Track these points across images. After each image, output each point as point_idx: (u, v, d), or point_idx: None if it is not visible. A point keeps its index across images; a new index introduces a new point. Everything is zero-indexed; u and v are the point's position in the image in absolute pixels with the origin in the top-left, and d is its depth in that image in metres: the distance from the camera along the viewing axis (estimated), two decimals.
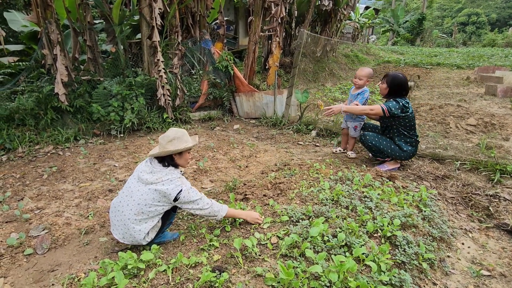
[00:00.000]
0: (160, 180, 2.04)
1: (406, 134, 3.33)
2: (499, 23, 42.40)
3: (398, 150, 3.37)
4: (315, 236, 1.95)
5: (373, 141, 3.42)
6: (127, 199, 2.09)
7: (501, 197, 2.94)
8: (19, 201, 2.99)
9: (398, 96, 3.24)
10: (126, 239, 2.10)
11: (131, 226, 2.04)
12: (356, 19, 16.27)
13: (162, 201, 2.06)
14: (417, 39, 26.21)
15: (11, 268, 2.17)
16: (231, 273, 1.76)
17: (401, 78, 3.22)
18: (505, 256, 2.24)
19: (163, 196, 2.03)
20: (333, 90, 8.02)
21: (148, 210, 2.04)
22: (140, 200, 2.03)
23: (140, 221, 2.04)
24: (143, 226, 2.05)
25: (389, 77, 3.24)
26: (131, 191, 2.10)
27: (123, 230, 2.09)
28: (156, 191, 2.02)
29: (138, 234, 2.04)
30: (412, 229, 2.26)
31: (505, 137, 4.47)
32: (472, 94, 7.48)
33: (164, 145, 2.10)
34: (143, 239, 2.07)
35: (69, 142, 4.45)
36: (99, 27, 6.31)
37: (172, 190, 2.02)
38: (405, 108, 3.18)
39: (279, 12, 6.92)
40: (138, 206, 2.03)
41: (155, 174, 2.07)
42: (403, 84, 3.22)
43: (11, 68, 5.66)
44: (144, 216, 2.04)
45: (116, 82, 5.09)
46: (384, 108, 3.16)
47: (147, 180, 2.05)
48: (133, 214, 2.04)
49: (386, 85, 3.26)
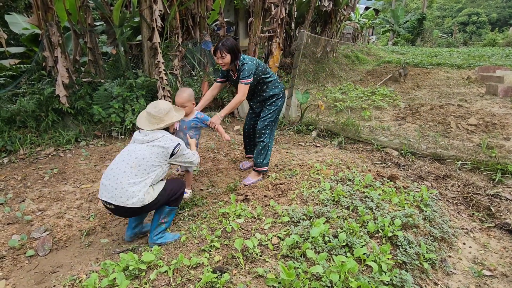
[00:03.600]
0: (157, 138, 2.18)
1: (270, 79, 3.22)
2: (500, 23, 42.37)
3: (276, 97, 3.26)
4: (316, 236, 1.95)
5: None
6: (123, 158, 2.13)
7: (503, 197, 2.93)
8: (21, 203, 3.00)
9: (237, 58, 2.98)
10: (115, 198, 2.02)
11: (125, 189, 2.01)
12: (356, 20, 16.27)
13: (160, 157, 2.15)
14: (418, 39, 26.21)
15: (12, 270, 2.18)
16: (232, 273, 1.76)
17: (228, 39, 2.93)
18: (506, 256, 2.24)
19: (161, 150, 2.15)
20: (334, 91, 8.02)
21: (146, 164, 2.09)
22: (138, 154, 2.11)
23: (135, 182, 2.04)
24: (138, 187, 2.04)
25: (224, 47, 2.86)
26: (128, 152, 2.17)
27: (115, 187, 2.03)
28: (154, 146, 2.15)
29: (132, 194, 2.01)
30: (413, 229, 2.26)
31: (506, 137, 4.47)
32: (473, 94, 7.48)
33: (163, 118, 2.24)
34: (140, 198, 2.03)
35: (70, 143, 4.46)
36: (100, 29, 6.32)
37: (170, 144, 2.18)
38: (253, 64, 3.01)
39: (279, 13, 6.93)
40: (136, 160, 2.09)
41: (151, 134, 2.19)
42: (234, 43, 2.94)
43: (12, 71, 5.67)
44: (140, 170, 2.06)
45: (116, 84, 5.10)
46: (245, 82, 2.96)
47: (144, 139, 2.17)
48: (129, 168, 2.06)
49: (228, 55, 2.89)
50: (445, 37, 29.87)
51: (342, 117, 5.57)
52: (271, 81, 3.24)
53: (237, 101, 3.02)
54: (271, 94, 3.25)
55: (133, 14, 6.10)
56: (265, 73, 3.20)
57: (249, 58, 3.05)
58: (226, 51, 2.87)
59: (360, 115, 6.05)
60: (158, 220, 2.28)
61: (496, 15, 43.77)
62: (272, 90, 3.25)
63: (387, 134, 4.94)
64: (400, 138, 4.64)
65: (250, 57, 3.07)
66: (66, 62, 4.69)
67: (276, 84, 3.28)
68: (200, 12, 6.43)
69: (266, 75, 3.21)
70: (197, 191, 3.34)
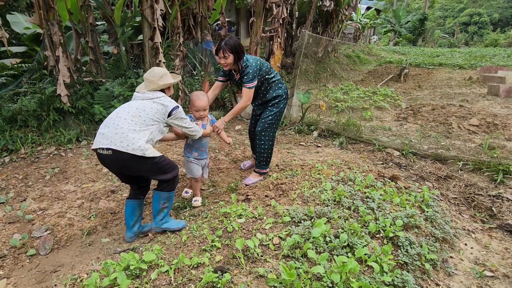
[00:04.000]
0: (157, 97, 2.25)
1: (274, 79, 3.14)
2: (502, 23, 42.27)
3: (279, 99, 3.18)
4: (317, 236, 1.95)
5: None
6: (124, 109, 2.18)
7: (504, 198, 2.93)
8: (22, 202, 3.01)
9: (241, 58, 2.87)
10: (115, 142, 2.01)
11: (126, 134, 2.03)
12: (357, 20, 16.26)
13: (158, 113, 2.20)
14: (419, 40, 26.15)
15: (14, 269, 2.18)
16: (233, 273, 1.76)
17: (230, 38, 2.84)
18: (508, 257, 2.23)
19: (161, 107, 2.21)
20: (335, 91, 8.01)
21: (145, 116, 2.14)
22: (139, 106, 2.18)
23: (135, 129, 2.07)
24: (138, 135, 2.07)
25: (227, 47, 2.77)
26: (128, 104, 2.23)
27: (115, 133, 2.04)
28: (154, 102, 2.22)
29: (133, 140, 2.04)
30: (415, 230, 2.26)
31: (508, 138, 4.46)
32: (475, 94, 7.46)
33: (156, 81, 2.29)
34: (140, 145, 2.04)
35: (71, 143, 4.47)
36: (101, 28, 6.33)
37: (169, 104, 2.26)
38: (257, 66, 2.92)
39: (281, 13, 6.93)
40: (137, 110, 2.15)
41: (151, 94, 2.26)
42: (237, 42, 2.84)
43: (13, 70, 5.68)
44: (140, 120, 2.11)
45: (118, 83, 5.11)
46: (249, 86, 2.89)
47: (144, 96, 2.25)
48: (130, 116, 2.11)
49: (231, 55, 2.80)
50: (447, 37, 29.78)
51: (343, 117, 5.56)
52: (274, 81, 3.15)
53: (241, 106, 2.98)
54: (274, 95, 3.15)
55: (135, 13, 6.11)
56: (269, 73, 3.09)
57: (252, 59, 2.93)
58: (229, 51, 2.77)
59: (361, 115, 6.04)
60: (159, 206, 2.34)
61: (498, 15, 43.68)
62: (275, 91, 3.15)
63: (389, 134, 4.94)
64: (402, 138, 4.64)
65: (253, 57, 2.96)
66: (67, 61, 4.70)
67: (279, 84, 3.19)
68: (202, 11, 6.44)
69: (270, 75, 3.11)
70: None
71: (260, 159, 3.27)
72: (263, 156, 3.25)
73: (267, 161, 3.29)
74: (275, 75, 3.17)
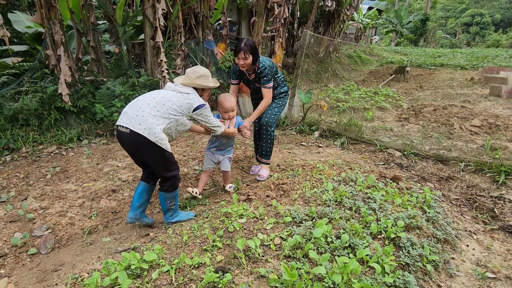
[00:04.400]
0: (187, 92, 2.35)
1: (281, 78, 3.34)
2: (504, 24, 42.16)
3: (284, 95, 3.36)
4: (318, 237, 1.94)
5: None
6: (151, 95, 2.30)
7: (506, 199, 2.91)
8: (23, 200, 3.01)
9: (257, 58, 2.95)
10: (134, 123, 2.14)
11: (146, 118, 2.15)
12: (359, 20, 16.25)
13: (183, 107, 2.30)
14: (421, 40, 26.12)
15: (15, 268, 2.18)
16: (234, 273, 1.76)
17: (249, 39, 2.90)
18: (510, 258, 2.22)
19: (186, 102, 2.31)
20: (336, 91, 8.00)
21: (169, 105, 2.24)
22: (166, 95, 2.29)
23: (156, 115, 2.18)
24: (157, 121, 2.18)
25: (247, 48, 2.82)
26: (157, 92, 2.35)
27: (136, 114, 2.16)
28: (182, 96, 2.32)
29: (151, 125, 2.15)
30: (416, 231, 2.25)
31: (510, 139, 4.44)
32: (476, 95, 7.44)
33: (193, 79, 2.41)
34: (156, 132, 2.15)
35: (72, 142, 4.47)
36: (103, 27, 6.34)
37: (196, 102, 2.35)
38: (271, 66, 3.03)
39: (282, 13, 6.92)
40: (163, 99, 2.25)
41: (183, 89, 2.37)
42: (255, 43, 2.97)
43: (15, 69, 5.69)
44: (162, 109, 2.21)
45: (119, 83, 5.11)
46: (270, 86, 3.06)
47: (175, 88, 2.36)
48: (154, 103, 2.22)
49: (251, 56, 2.86)
50: (449, 37, 29.73)
51: (345, 118, 5.55)
52: (281, 79, 3.35)
53: (265, 105, 3.14)
54: (281, 91, 3.35)
55: (136, 13, 6.11)
56: (277, 72, 3.28)
57: (268, 60, 3.07)
58: (249, 52, 2.83)
59: (362, 116, 6.03)
60: (166, 206, 2.48)
61: (499, 16, 43.57)
62: (282, 88, 3.35)
63: (390, 134, 4.93)
64: (403, 139, 4.63)
65: (267, 58, 3.11)
66: (69, 60, 4.71)
67: (284, 83, 3.40)
68: (203, 11, 6.44)
69: (278, 75, 3.30)
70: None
71: (267, 149, 3.38)
72: (269, 146, 3.37)
73: (271, 151, 3.42)
74: (280, 74, 3.36)
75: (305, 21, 9.82)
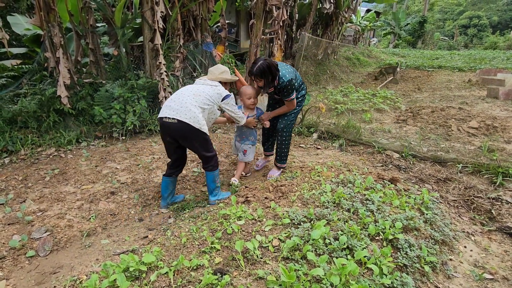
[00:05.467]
0: (215, 85, 2.81)
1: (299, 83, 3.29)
2: (501, 26, 42.38)
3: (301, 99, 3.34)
4: (316, 239, 1.95)
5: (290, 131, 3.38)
6: (187, 88, 2.74)
7: (504, 200, 2.93)
8: (22, 203, 3.00)
9: (274, 78, 2.96)
10: (180, 114, 2.54)
11: (189, 108, 2.57)
12: (357, 22, 16.31)
13: (214, 97, 2.73)
14: (419, 42, 26.21)
15: (13, 270, 2.18)
16: (232, 275, 1.76)
17: (262, 63, 2.88)
18: (507, 260, 2.23)
19: (216, 92, 2.76)
20: (335, 93, 8.02)
21: (204, 96, 2.68)
22: (199, 88, 2.75)
23: (196, 105, 2.60)
24: (198, 110, 2.60)
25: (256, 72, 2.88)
26: (191, 86, 2.80)
27: (180, 106, 2.57)
28: (212, 87, 2.77)
29: (194, 114, 2.57)
30: (414, 232, 2.26)
31: (507, 140, 4.46)
32: (474, 97, 7.47)
33: (217, 74, 2.89)
34: (199, 119, 2.59)
35: (71, 144, 4.47)
36: (102, 30, 6.35)
37: (224, 92, 2.82)
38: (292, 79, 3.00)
39: (281, 15, 6.95)
40: (198, 91, 2.70)
41: (211, 81, 2.82)
42: (269, 66, 2.88)
43: (14, 71, 5.70)
44: (200, 99, 2.64)
45: (118, 85, 5.11)
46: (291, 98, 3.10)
47: (204, 82, 2.81)
48: (192, 95, 2.65)
49: (262, 80, 2.94)
50: (446, 39, 29.87)
51: (343, 119, 5.57)
52: (300, 84, 3.27)
53: (285, 111, 3.27)
54: (298, 96, 3.28)
55: (135, 15, 6.13)
56: (297, 79, 3.21)
57: (288, 74, 2.98)
58: (259, 77, 2.93)
59: (361, 117, 6.05)
60: (214, 185, 2.90)
61: (497, 18, 43.79)
62: (300, 93, 3.30)
63: (388, 136, 4.94)
64: (401, 140, 4.64)
65: (288, 71, 3.02)
66: (67, 63, 4.71)
67: (302, 85, 3.34)
68: (202, 13, 6.46)
69: (297, 80, 3.23)
70: (198, 192, 3.34)
71: (282, 154, 3.42)
72: (284, 151, 3.41)
73: (286, 155, 3.46)
74: (298, 77, 3.28)
75: (304, 24, 9.86)
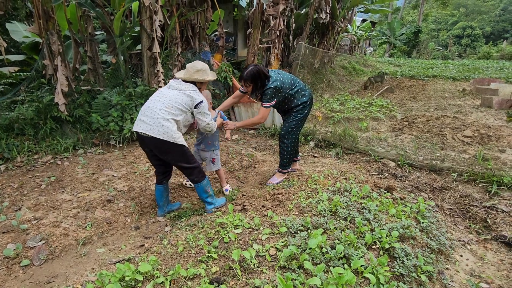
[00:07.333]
0: (188, 90, 2.62)
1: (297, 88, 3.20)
2: (494, 36, 43.14)
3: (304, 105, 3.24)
4: (313, 247, 1.95)
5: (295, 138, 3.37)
6: (159, 99, 2.59)
7: (499, 209, 2.95)
8: (17, 211, 2.98)
9: (263, 85, 3.00)
10: (153, 130, 2.48)
11: (161, 123, 2.48)
12: (353, 32, 16.53)
13: (186, 104, 2.59)
14: (414, 51, 26.59)
15: (6, 280, 2.15)
16: (229, 285, 1.76)
17: (253, 69, 2.94)
18: (503, 269, 2.25)
19: (189, 99, 2.60)
20: (331, 101, 8.09)
21: (177, 107, 2.55)
22: (172, 97, 2.58)
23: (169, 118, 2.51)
24: (171, 124, 2.52)
25: (246, 76, 2.95)
26: (163, 94, 2.63)
27: (152, 122, 2.49)
28: (185, 94, 2.60)
29: (167, 128, 2.49)
30: (411, 241, 2.27)
31: (501, 149, 4.51)
32: (468, 106, 7.57)
33: (192, 73, 2.68)
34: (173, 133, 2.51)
35: (68, 151, 4.46)
36: (100, 38, 6.39)
37: (197, 97, 2.63)
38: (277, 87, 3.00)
39: (278, 25, 7.05)
40: (170, 102, 2.55)
41: (185, 85, 2.64)
42: (258, 72, 2.94)
43: (11, 78, 5.69)
44: (172, 110, 2.53)
45: (116, 93, 5.13)
46: (266, 105, 3.03)
47: (178, 87, 2.63)
48: (165, 107, 2.53)
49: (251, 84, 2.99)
50: (441, 49, 30.30)
51: (340, 128, 5.61)
52: (297, 91, 3.19)
53: (254, 122, 3.17)
54: (298, 103, 3.21)
55: (134, 24, 6.18)
56: (291, 87, 3.15)
57: (273, 80, 3.00)
58: (249, 82, 2.96)
59: (357, 126, 6.10)
60: (206, 194, 2.88)
61: (490, 28, 44.62)
62: (300, 100, 3.20)
63: (384, 145, 4.98)
64: (397, 149, 4.68)
65: (275, 77, 3.04)
66: (66, 70, 4.72)
67: (303, 92, 3.22)
68: (200, 22, 6.53)
69: (293, 88, 3.16)
70: (195, 200, 3.34)
71: (283, 160, 3.42)
72: (286, 158, 3.41)
73: (289, 161, 3.45)
74: (297, 84, 3.21)
75: (300, 33, 9.98)
